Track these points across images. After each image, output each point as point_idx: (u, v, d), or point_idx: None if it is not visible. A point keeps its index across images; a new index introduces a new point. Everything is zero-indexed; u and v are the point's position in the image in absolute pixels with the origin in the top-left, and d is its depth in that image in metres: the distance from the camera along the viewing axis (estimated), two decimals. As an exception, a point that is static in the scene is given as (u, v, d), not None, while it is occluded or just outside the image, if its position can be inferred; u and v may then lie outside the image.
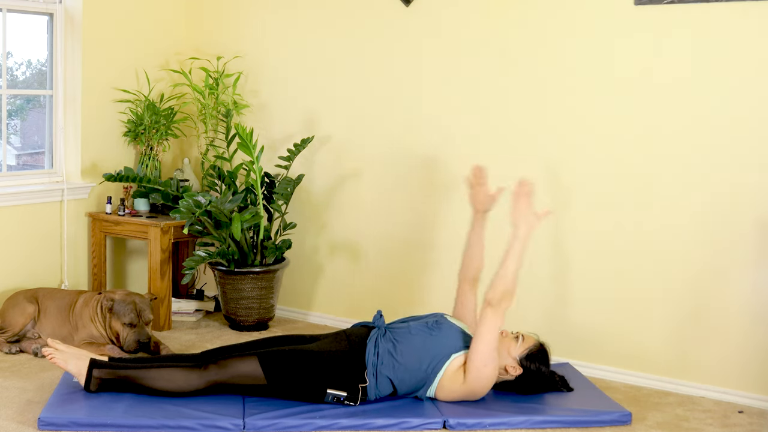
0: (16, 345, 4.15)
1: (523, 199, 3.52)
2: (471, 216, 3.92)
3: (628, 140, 3.99)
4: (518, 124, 4.26)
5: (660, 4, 3.85)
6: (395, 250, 4.67)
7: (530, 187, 3.53)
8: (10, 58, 4.70)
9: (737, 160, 3.75)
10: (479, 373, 3.45)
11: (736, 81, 3.73)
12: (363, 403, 3.49)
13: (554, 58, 4.14)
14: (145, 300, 4.16)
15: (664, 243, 3.93)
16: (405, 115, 4.59)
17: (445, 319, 3.66)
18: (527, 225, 3.49)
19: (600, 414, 3.45)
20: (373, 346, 3.52)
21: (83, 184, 4.81)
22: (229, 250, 4.58)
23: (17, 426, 3.24)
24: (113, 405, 3.36)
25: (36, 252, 4.67)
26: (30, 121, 4.94)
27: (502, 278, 3.46)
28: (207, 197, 4.40)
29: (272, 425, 3.27)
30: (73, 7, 4.74)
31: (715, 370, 3.84)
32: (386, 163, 4.67)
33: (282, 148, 4.97)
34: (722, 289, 3.81)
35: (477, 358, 3.45)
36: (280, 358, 3.47)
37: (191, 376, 3.49)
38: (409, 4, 4.53)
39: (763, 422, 3.57)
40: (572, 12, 4.08)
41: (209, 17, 5.24)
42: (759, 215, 3.72)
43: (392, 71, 4.61)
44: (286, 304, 5.08)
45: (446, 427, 3.35)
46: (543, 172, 4.19)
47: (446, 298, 4.44)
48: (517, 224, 3.50)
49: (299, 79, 4.94)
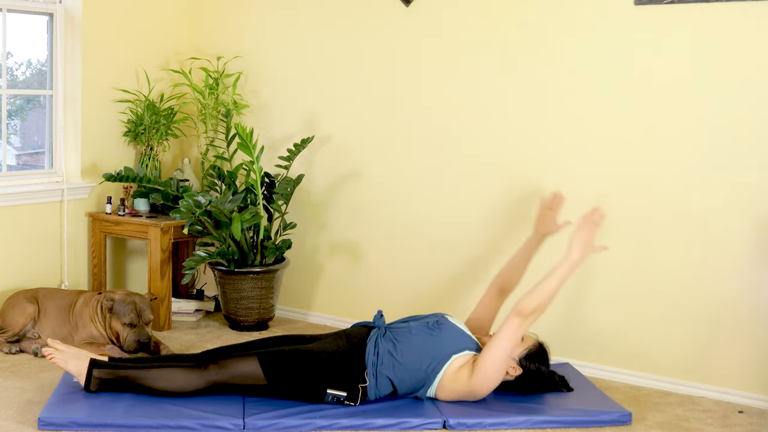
0: (16, 345, 4.15)
1: (590, 226, 3.53)
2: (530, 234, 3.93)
3: (628, 140, 3.99)
4: (518, 123, 4.26)
5: (660, 4, 3.85)
6: (395, 250, 4.67)
7: (601, 218, 3.55)
8: (10, 58, 4.70)
9: (737, 160, 3.75)
10: (488, 377, 3.45)
11: (736, 81, 3.73)
12: (363, 403, 3.49)
13: (554, 58, 4.14)
14: (145, 300, 4.16)
15: (664, 243, 3.93)
16: (405, 115, 4.59)
17: (445, 319, 3.66)
18: (583, 252, 3.50)
19: (600, 414, 3.45)
20: (373, 346, 3.52)
21: (83, 184, 4.81)
22: (229, 250, 4.58)
23: (17, 426, 3.24)
24: (113, 405, 3.36)
25: (36, 252, 4.67)
26: (30, 121, 4.94)
27: (539, 293, 3.46)
28: (207, 197, 4.40)
29: (272, 425, 3.27)
30: (73, 7, 4.74)
31: (715, 370, 3.84)
32: (386, 163, 4.67)
33: (282, 148, 4.97)
34: (722, 288, 3.81)
35: (490, 363, 3.45)
36: (280, 358, 3.47)
37: (191, 376, 3.49)
38: (409, 4, 4.53)
39: (763, 422, 3.57)
40: (572, 12, 4.08)
41: (209, 17, 5.24)
42: (758, 215, 3.72)
43: (392, 71, 4.61)
44: (286, 304, 5.08)
45: (446, 427, 3.35)
46: (543, 173, 4.19)
47: (446, 298, 4.45)
48: (574, 248, 3.50)
49: (299, 79, 4.94)
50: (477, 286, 4.35)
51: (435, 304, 4.50)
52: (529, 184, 4.23)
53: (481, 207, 4.37)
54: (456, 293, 4.46)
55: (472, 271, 4.41)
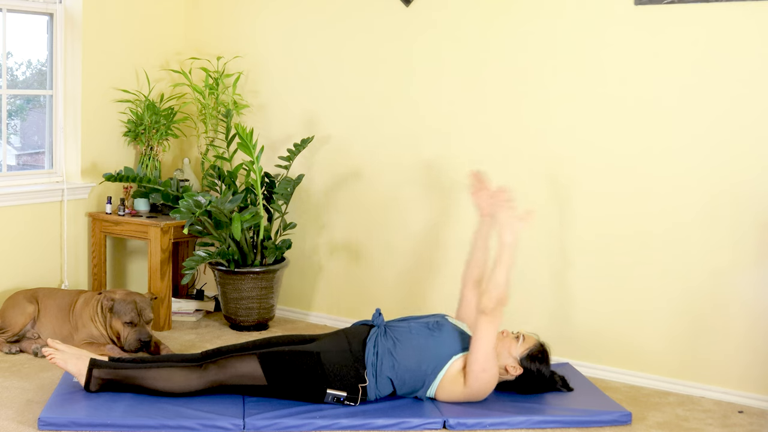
0: (16, 345, 4.15)
1: (502, 204, 3.53)
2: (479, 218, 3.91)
3: (627, 140, 3.99)
4: (518, 123, 4.26)
5: (660, 4, 3.85)
6: (395, 250, 4.67)
7: (508, 194, 3.55)
8: (10, 58, 4.70)
9: (737, 160, 3.75)
10: (479, 379, 3.46)
11: (737, 81, 3.73)
12: (363, 403, 3.49)
13: (554, 58, 4.14)
14: (146, 299, 4.16)
15: (664, 243, 3.93)
16: (405, 114, 4.59)
17: (446, 320, 3.66)
18: (512, 232, 3.50)
19: (600, 414, 3.45)
20: (373, 345, 3.52)
21: (83, 184, 4.81)
22: (229, 250, 4.58)
23: (17, 426, 3.24)
24: (113, 405, 3.36)
25: (36, 252, 4.66)
26: (30, 121, 4.93)
27: (494, 288, 3.46)
28: (207, 197, 4.40)
29: (272, 425, 3.27)
30: (73, 7, 4.74)
31: (715, 370, 3.84)
32: (386, 162, 4.67)
33: (282, 148, 4.97)
34: (722, 288, 3.81)
35: (475, 365, 3.45)
36: (280, 358, 3.47)
37: (191, 376, 3.49)
38: (409, 4, 4.53)
39: (763, 422, 3.57)
40: (572, 12, 4.08)
41: (209, 17, 5.24)
42: (759, 215, 3.72)
43: (392, 71, 4.61)
44: (286, 304, 5.08)
45: (446, 427, 3.36)
46: (543, 173, 4.19)
47: (446, 299, 4.44)
48: (502, 231, 3.51)
49: (299, 79, 4.94)
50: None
51: (435, 304, 4.50)
52: (529, 183, 4.23)
53: (481, 207, 4.37)
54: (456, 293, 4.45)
55: (472, 271, 4.41)
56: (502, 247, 3.49)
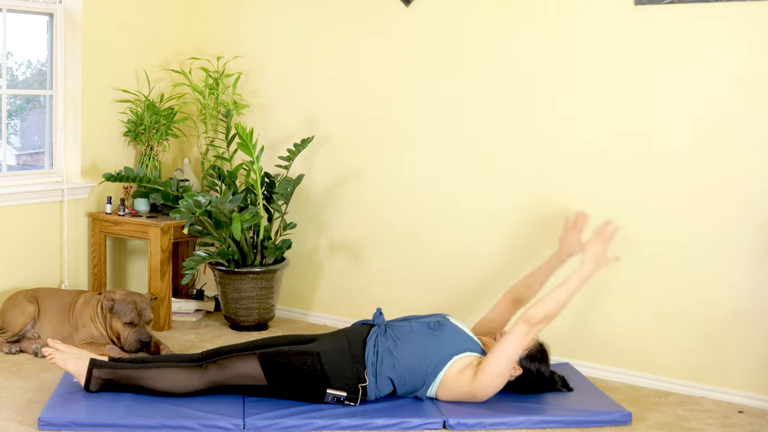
0: (16, 345, 4.15)
1: (602, 239, 3.55)
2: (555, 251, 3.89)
3: (627, 140, 3.99)
4: (518, 123, 4.26)
5: (660, 4, 3.85)
6: (395, 251, 4.67)
7: (613, 231, 3.57)
8: (10, 58, 4.70)
9: (737, 160, 3.75)
10: (490, 382, 3.46)
11: (737, 81, 3.73)
12: (363, 403, 3.49)
13: (554, 58, 4.14)
14: (146, 299, 4.17)
15: (664, 243, 3.93)
16: (405, 115, 4.59)
17: (447, 319, 3.66)
18: (596, 265, 3.51)
19: (600, 414, 3.45)
20: (373, 345, 3.52)
21: (83, 184, 4.81)
22: (229, 250, 4.58)
23: (17, 426, 3.24)
24: (113, 405, 3.36)
25: (36, 252, 4.66)
26: (30, 121, 4.93)
27: (549, 303, 3.46)
28: (207, 197, 4.40)
29: (272, 425, 3.27)
30: (73, 7, 4.74)
31: (715, 370, 3.84)
32: (386, 163, 4.67)
33: (282, 148, 4.97)
34: (722, 289, 3.81)
35: (494, 369, 3.45)
36: (280, 358, 3.47)
37: (191, 376, 3.49)
38: (409, 4, 4.53)
39: (763, 422, 3.57)
40: (572, 12, 4.08)
41: (209, 17, 5.24)
42: (759, 215, 3.72)
43: (392, 71, 4.61)
44: (286, 304, 5.08)
45: (446, 427, 3.35)
46: (543, 173, 4.19)
47: (446, 299, 4.44)
48: (587, 261, 3.51)
49: (299, 79, 4.94)
50: (477, 286, 4.36)
51: (435, 304, 4.50)
52: (527, 184, 4.23)
53: (482, 207, 4.37)
54: (456, 294, 4.46)
55: (473, 272, 4.41)
56: (577, 273, 3.49)
